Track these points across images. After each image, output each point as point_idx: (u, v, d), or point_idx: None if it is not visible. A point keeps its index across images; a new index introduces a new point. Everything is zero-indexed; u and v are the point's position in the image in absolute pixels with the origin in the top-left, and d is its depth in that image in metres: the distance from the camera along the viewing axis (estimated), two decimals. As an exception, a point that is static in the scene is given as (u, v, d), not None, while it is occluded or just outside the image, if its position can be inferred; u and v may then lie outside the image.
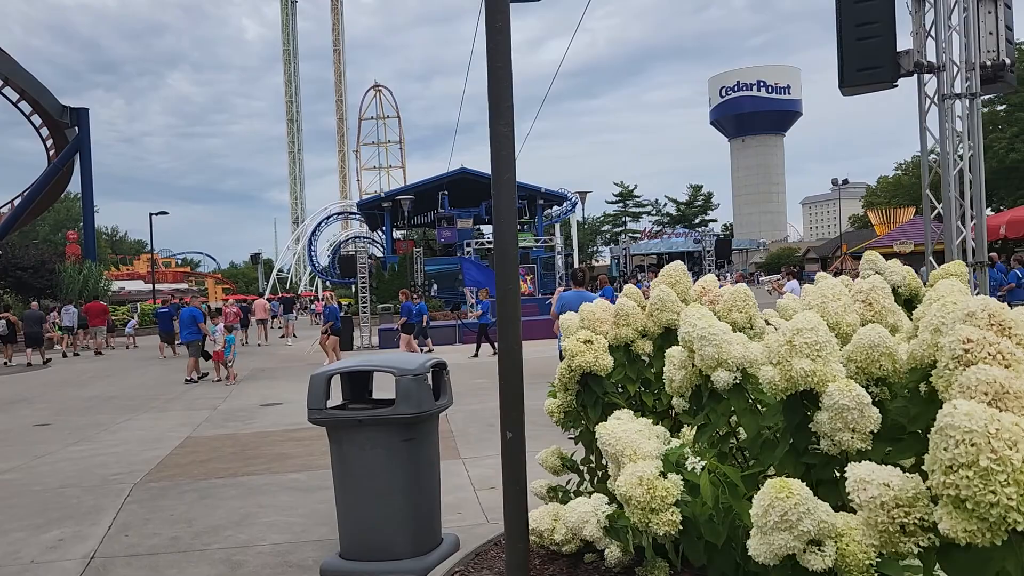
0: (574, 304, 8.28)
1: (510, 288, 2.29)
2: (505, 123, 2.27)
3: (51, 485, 7.28)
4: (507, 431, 2.29)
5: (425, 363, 4.49)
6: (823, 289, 2.70)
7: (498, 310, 2.38)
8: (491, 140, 2.31)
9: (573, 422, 4.43)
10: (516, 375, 2.33)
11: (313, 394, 4.46)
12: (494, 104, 2.31)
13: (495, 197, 2.34)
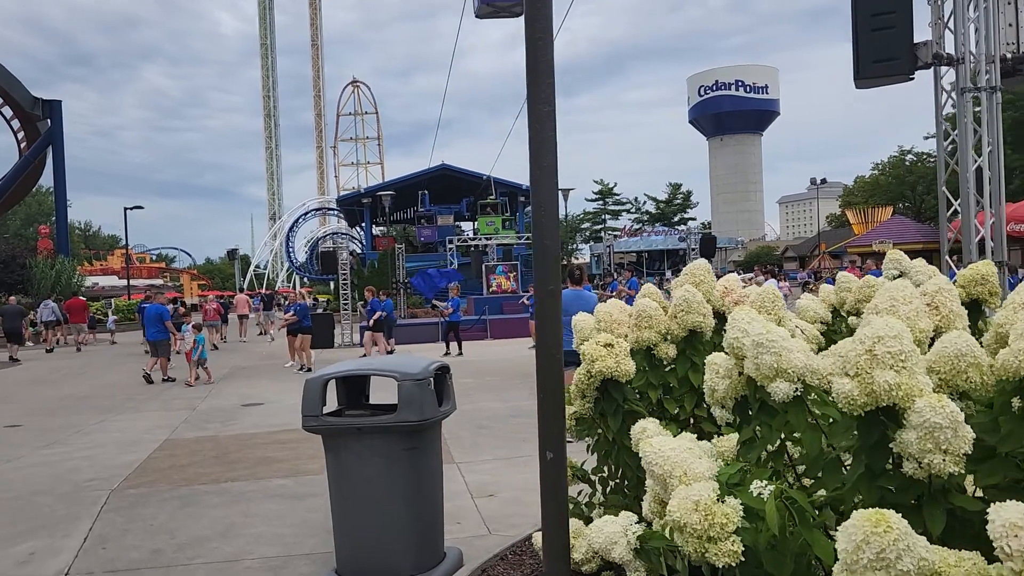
0: (571, 303, 8.02)
1: (551, 289, 2.01)
2: (546, 101, 1.99)
3: (21, 492, 6.90)
4: (547, 451, 2.02)
5: (428, 367, 4.20)
6: (893, 291, 2.45)
7: (538, 313, 2.10)
8: (530, 121, 2.03)
9: (588, 430, 4.17)
10: (556, 387, 2.06)
11: (308, 400, 4.15)
12: (533, 79, 2.02)
13: (534, 186, 2.06)
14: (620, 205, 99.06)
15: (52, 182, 48.26)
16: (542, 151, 1.99)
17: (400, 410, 4.03)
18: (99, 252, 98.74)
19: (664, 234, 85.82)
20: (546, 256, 2.04)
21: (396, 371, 4.07)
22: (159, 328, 15.68)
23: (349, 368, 4.39)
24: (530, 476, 6.94)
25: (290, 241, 76.38)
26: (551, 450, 2.02)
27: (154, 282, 76.26)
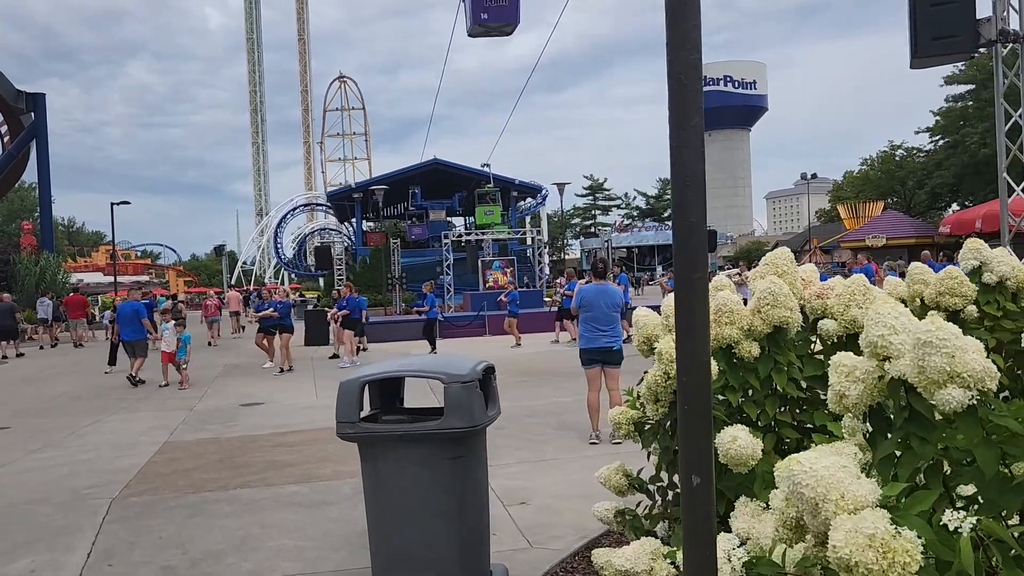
0: (595, 298, 7.65)
1: (696, 277, 1.63)
2: (692, 48, 1.61)
3: (16, 500, 6.46)
4: (692, 475, 1.63)
5: (475, 367, 3.81)
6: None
7: (678, 309, 1.72)
8: (670, 75, 1.66)
9: (654, 438, 3.80)
10: (702, 397, 1.68)
11: (344, 405, 3.76)
12: (675, 22, 1.64)
13: (676, 153, 1.68)
14: (611, 200, 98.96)
15: (36, 177, 47.40)
16: (687, 110, 1.62)
17: (446, 415, 3.64)
18: (83, 249, 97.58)
19: (655, 229, 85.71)
20: (693, 238, 1.66)
21: (441, 372, 3.68)
22: (136, 327, 14.64)
23: (388, 370, 3.99)
24: (559, 480, 6.58)
25: (278, 237, 75.53)
26: (697, 474, 1.64)
27: (140, 278, 75.42)
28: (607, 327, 7.54)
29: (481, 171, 45.62)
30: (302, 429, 9.31)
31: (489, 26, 20.75)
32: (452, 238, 28.29)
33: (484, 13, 20.73)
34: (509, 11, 20.80)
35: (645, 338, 3.77)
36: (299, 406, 11.20)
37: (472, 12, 20.70)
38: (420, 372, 3.86)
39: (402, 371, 3.93)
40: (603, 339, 7.53)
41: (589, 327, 7.59)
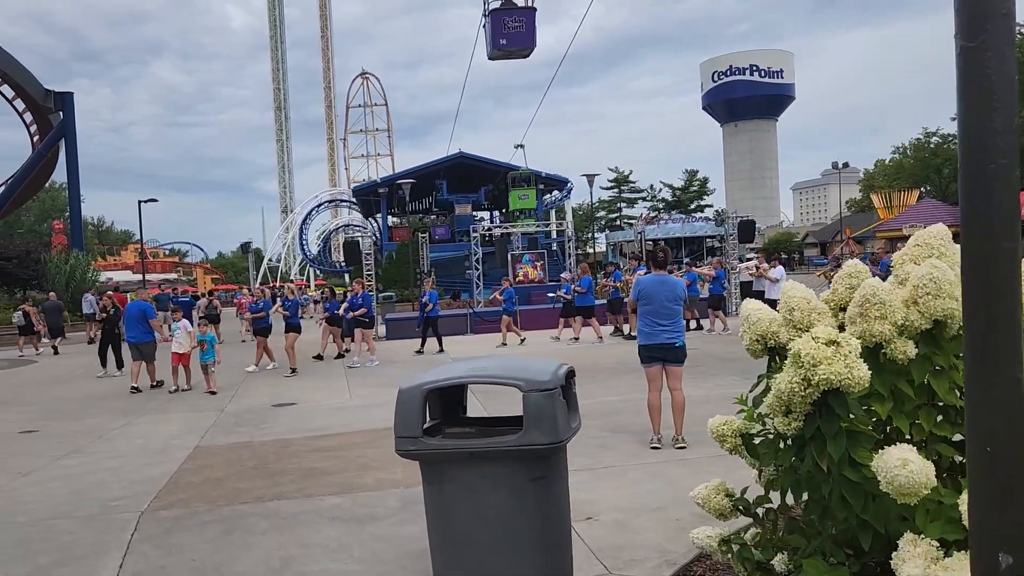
0: (655, 290, 7.05)
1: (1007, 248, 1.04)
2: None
3: (39, 514, 6.00)
4: (999, 552, 1.05)
5: (557, 372, 3.25)
6: None
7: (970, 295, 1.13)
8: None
9: (772, 455, 3.21)
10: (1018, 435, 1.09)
11: (404, 416, 3.22)
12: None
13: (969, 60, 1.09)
14: (636, 193, 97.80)
15: (65, 176, 47.56)
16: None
17: (526, 429, 3.09)
18: (112, 247, 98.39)
19: (681, 221, 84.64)
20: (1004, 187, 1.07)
21: (519, 379, 3.13)
22: (144, 328, 13.49)
23: (455, 375, 3.43)
24: (624, 491, 5.97)
25: (303, 233, 75.66)
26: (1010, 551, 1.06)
27: (168, 276, 75.84)
28: (668, 321, 6.94)
29: (507, 164, 45.06)
30: (338, 432, 8.82)
31: (508, 50, 23.39)
32: (481, 232, 27.70)
33: (503, 39, 23.49)
34: (526, 36, 23.77)
35: (759, 336, 3.19)
36: (332, 407, 10.72)
37: (492, 38, 23.17)
38: (494, 378, 3.29)
39: (472, 377, 3.37)
40: (664, 335, 6.93)
41: (648, 321, 6.99)
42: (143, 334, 13.37)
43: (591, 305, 17.86)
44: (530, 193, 40.39)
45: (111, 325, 15.98)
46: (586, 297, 17.76)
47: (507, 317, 18.61)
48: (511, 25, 23.65)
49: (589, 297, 17.84)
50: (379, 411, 10.04)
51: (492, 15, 23.53)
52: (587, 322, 17.64)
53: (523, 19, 24.15)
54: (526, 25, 23.79)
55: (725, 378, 10.92)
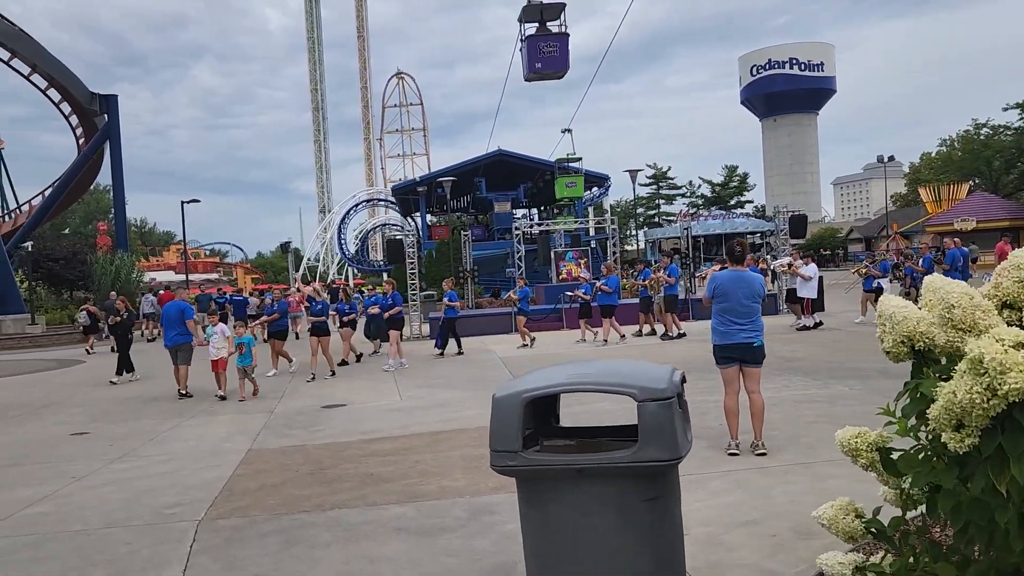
0: (731, 287, 6.61)
1: None
2: None
3: (93, 523, 5.78)
4: None
5: (672, 377, 2.88)
6: None
7: None
8: None
9: (925, 474, 2.80)
10: None
11: (501, 427, 2.87)
12: None
13: None
14: (674, 189, 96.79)
15: (110, 178, 48.22)
16: None
17: (643, 443, 2.72)
18: (155, 248, 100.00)
19: (721, 218, 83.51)
20: None
21: (632, 386, 2.76)
22: (181, 330, 12.73)
23: (557, 381, 3.05)
24: (708, 502, 5.46)
25: (341, 233, 76.09)
26: None
27: (209, 276, 76.79)
28: (746, 320, 6.52)
29: (546, 161, 44.66)
30: (393, 435, 8.54)
31: (543, 73, 25.56)
32: (523, 229, 27.35)
33: (538, 63, 25.55)
34: (559, 61, 25.72)
35: (905, 337, 2.78)
36: (384, 408, 10.45)
37: (528, 62, 25.23)
38: (602, 385, 2.92)
39: (577, 384, 2.99)
40: (741, 334, 6.51)
41: (724, 320, 6.57)
42: (180, 336, 12.67)
43: (614, 305, 17.10)
44: (578, 180, 39.20)
45: (124, 329, 15.57)
46: (611, 297, 17.06)
47: (521, 317, 17.95)
48: (545, 50, 25.54)
49: (614, 297, 17.14)
50: (434, 413, 9.76)
51: (528, 40, 25.58)
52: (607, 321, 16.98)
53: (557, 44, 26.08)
54: (559, 50, 25.65)
55: (791, 379, 10.44)
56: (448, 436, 8.29)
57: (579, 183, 39.23)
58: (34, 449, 8.98)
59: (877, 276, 17.61)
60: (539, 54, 25.97)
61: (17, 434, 10.10)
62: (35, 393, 14.36)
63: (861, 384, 9.77)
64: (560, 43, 26.35)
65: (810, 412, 8.25)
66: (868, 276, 17.82)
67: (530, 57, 25.60)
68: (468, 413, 9.57)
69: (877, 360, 11.94)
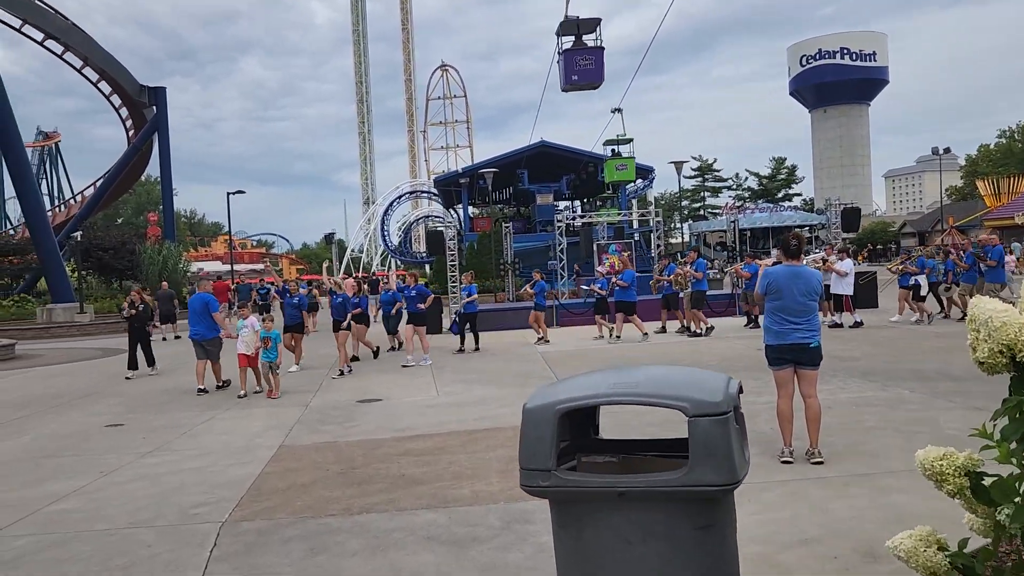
0: (786, 283, 6.16)
1: None
2: None
3: (118, 522, 5.62)
4: None
5: (728, 388, 2.52)
6: None
7: None
8: None
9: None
10: None
11: (532, 442, 2.54)
12: None
13: None
14: (720, 181, 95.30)
15: (159, 170, 49.00)
16: None
17: (695, 464, 2.38)
18: (203, 239, 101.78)
19: (768, 211, 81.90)
20: None
21: (684, 398, 2.42)
22: (208, 323, 12.19)
23: (596, 392, 2.71)
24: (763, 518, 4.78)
25: (385, 224, 76.40)
26: None
27: (255, 267, 77.83)
28: (801, 319, 6.09)
29: (590, 152, 44.11)
30: (427, 433, 8.28)
31: (579, 85, 27.31)
32: (565, 221, 26.95)
33: (575, 75, 27.33)
34: (595, 73, 27.52)
35: (1004, 346, 2.39)
36: (420, 404, 10.21)
37: (565, 73, 26.89)
38: (648, 397, 2.56)
39: (620, 396, 2.64)
40: (796, 334, 6.08)
41: (778, 318, 6.15)
42: (207, 329, 12.15)
43: (632, 301, 16.46)
44: (628, 163, 37.92)
45: (140, 322, 15.02)
46: (628, 292, 16.38)
47: (537, 312, 17.35)
48: (581, 63, 27.30)
49: (631, 292, 16.46)
50: (470, 410, 9.49)
51: (565, 54, 27.25)
52: (628, 319, 16.27)
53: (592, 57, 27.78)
54: (595, 62, 27.36)
55: (847, 380, 9.92)
56: (484, 435, 8.00)
57: (630, 166, 37.89)
58: (69, 440, 8.93)
59: (913, 272, 16.89)
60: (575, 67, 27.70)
61: (57, 424, 10.09)
62: (79, 382, 14.46)
63: (922, 386, 9.24)
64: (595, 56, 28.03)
65: (869, 417, 7.77)
66: (904, 273, 17.11)
67: (567, 69, 27.15)
68: (505, 411, 9.27)
69: (938, 360, 11.39)
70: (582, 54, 28.13)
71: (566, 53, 27.33)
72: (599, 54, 27.76)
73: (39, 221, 33.09)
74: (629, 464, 2.72)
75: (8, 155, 31.34)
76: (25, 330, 28.73)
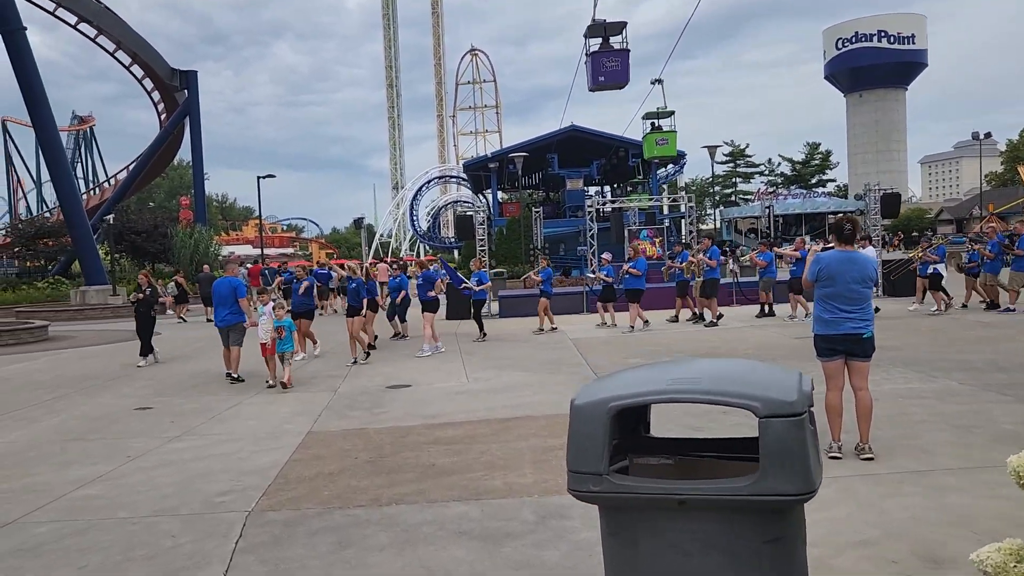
0: (841, 269, 5.78)
1: None
2: None
3: (141, 509, 5.48)
4: None
5: (803, 385, 2.26)
6: None
7: None
8: None
9: None
10: None
11: (581, 443, 2.30)
12: None
13: None
14: (752, 167, 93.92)
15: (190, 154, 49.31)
16: None
17: (766, 470, 2.12)
18: (235, 223, 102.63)
19: (801, 197, 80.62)
20: None
21: (754, 396, 2.15)
22: (234, 308, 11.57)
23: (651, 388, 2.44)
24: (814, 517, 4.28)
25: (413, 209, 76.47)
26: None
27: (285, 251, 78.32)
28: (854, 308, 5.76)
29: (621, 137, 43.54)
30: (457, 421, 8.08)
31: (605, 85, 28.41)
32: (596, 205, 26.54)
33: (601, 76, 28.30)
34: (621, 74, 28.50)
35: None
36: (449, 391, 10.02)
37: (592, 75, 27.89)
38: (712, 395, 2.29)
39: (680, 393, 2.37)
40: (848, 323, 5.76)
41: (829, 307, 5.82)
42: (232, 315, 11.54)
43: (641, 289, 15.95)
44: (670, 137, 36.80)
45: (147, 307, 14.12)
46: (639, 280, 15.92)
47: (544, 300, 16.74)
48: (608, 64, 28.30)
49: (641, 281, 15.99)
50: (501, 397, 9.27)
51: (592, 56, 28.32)
52: (631, 304, 15.79)
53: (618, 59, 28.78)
54: (621, 64, 28.34)
55: (891, 370, 9.55)
56: (516, 423, 7.78)
57: (671, 140, 36.48)
58: (98, 423, 8.86)
59: (933, 261, 16.44)
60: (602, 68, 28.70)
61: (88, 406, 10.05)
62: (110, 364, 14.47)
63: (971, 378, 8.85)
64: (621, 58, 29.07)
65: (918, 409, 7.42)
66: (924, 261, 16.66)
67: (594, 71, 28.12)
68: (537, 398, 9.05)
69: (986, 351, 10.95)
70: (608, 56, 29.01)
71: (593, 55, 28.16)
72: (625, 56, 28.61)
73: (73, 204, 33.40)
74: (686, 467, 2.47)
75: (43, 139, 31.63)
76: (59, 311, 29.05)
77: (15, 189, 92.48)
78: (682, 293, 17.24)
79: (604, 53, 28.27)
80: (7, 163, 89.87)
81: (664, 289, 20.94)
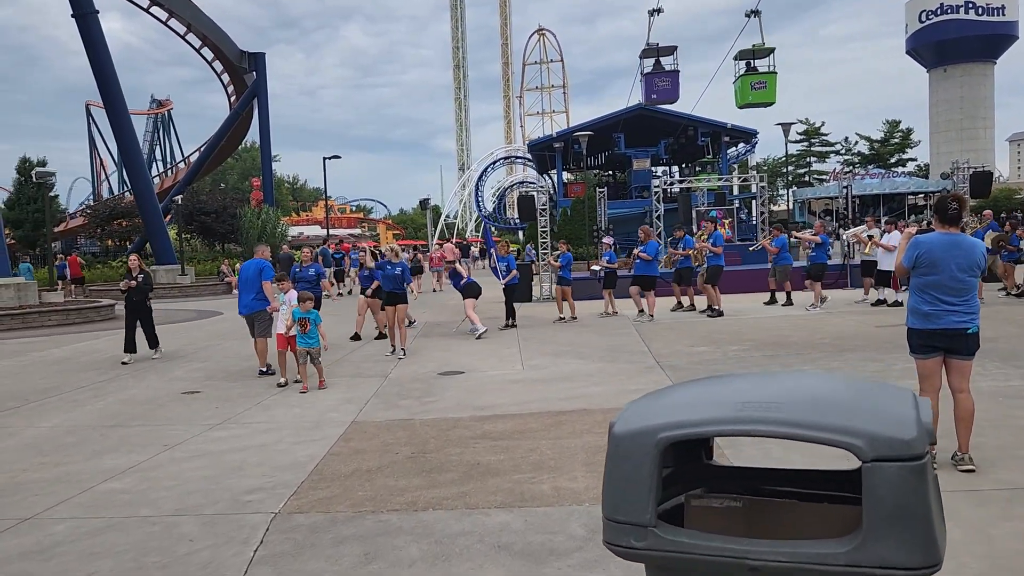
0: (944, 254, 4.96)
1: None
2: None
3: (165, 507, 5.16)
4: None
5: (922, 416, 1.66)
6: None
7: None
8: None
9: None
10: None
11: (622, 483, 1.77)
12: None
13: None
14: (827, 146, 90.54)
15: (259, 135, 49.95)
16: None
17: (870, 532, 1.54)
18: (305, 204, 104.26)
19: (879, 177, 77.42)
20: None
21: (855, 431, 1.57)
22: (259, 294, 10.49)
23: (715, 415, 1.86)
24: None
25: (479, 190, 76.18)
26: None
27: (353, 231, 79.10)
28: (958, 300, 5.02)
29: (690, 115, 42.22)
30: (508, 413, 7.60)
31: (657, 102, 33.32)
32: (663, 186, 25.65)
33: (654, 94, 33.33)
34: (672, 92, 33.41)
35: None
36: (503, 379, 9.55)
37: (645, 93, 33.16)
38: (799, 428, 1.69)
39: (754, 423, 1.78)
40: (951, 316, 5.02)
41: (929, 298, 5.08)
42: (255, 301, 10.54)
43: (654, 276, 14.96)
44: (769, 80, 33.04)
45: (141, 295, 12.47)
46: (650, 266, 14.89)
47: (564, 288, 15.72)
48: (659, 84, 32.66)
49: (653, 266, 14.96)
50: (556, 388, 8.76)
51: (646, 77, 32.73)
52: (644, 294, 14.84)
53: (669, 79, 32.56)
54: (672, 83, 32.68)
55: (984, 364, 8.62)
56: (570, 418, 7.25)
57: (770, 84, 32.94)
58: (143, 408, 8.68)
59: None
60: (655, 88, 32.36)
61: (136, 390, 9.93)
62: (168, 345, 14.42)
63: (1083, 377, 7.93)
64: (671, 78, 32.69)
65: (1023, 412, 6.60)
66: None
67: (647, 90, 32.88)
68: (594, 390, 8.50)
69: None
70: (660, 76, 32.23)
71: (647, 76, 31.91)
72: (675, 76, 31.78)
73: (144, 187, 34.05)
74: (760, 512, 1.91)
75: (115, 124, 32.26)
76: (130, 291, 29.67)
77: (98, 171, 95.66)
78: (681, 280, 16.28)
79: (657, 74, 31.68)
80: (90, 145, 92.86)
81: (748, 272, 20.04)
